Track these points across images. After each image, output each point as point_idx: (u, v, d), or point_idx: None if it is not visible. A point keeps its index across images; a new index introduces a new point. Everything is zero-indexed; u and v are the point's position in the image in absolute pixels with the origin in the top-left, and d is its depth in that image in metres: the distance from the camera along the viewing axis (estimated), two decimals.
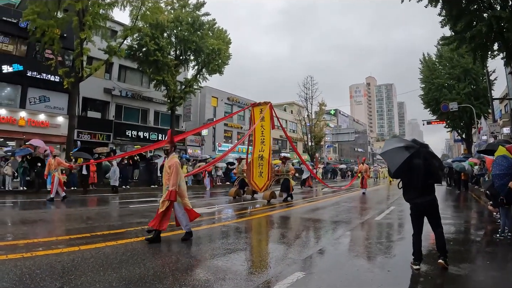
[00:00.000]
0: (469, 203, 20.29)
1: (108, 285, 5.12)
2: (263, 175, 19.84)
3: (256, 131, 20.85)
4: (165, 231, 8.37)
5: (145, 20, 30.19)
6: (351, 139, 73.52)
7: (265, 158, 20.02)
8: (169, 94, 36.11)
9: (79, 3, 24.74)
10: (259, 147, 20.67)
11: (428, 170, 6.15)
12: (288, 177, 19.88)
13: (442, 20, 20.97)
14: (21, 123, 29.97)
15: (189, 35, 35.19)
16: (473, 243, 9.12)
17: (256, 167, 20.29)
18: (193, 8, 36.50)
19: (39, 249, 7.12)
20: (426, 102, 46.20)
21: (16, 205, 15.63)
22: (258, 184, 20.00)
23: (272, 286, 5.31)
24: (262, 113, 20.90)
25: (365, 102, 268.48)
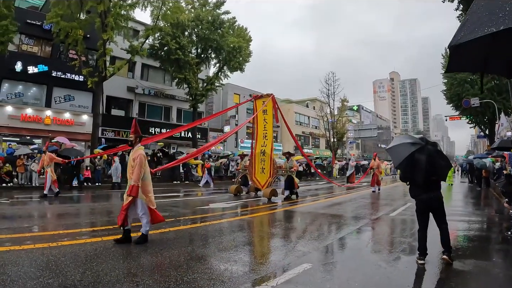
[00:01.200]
0: (489, 200, 20.05)
1: (127, 272, 5.55)
2: (265, 172, 18.67)
3: (258, 125, 19.84)
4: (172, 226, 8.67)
5: (166, 19, 30.59)
6: (374, 135, 72.93)
7: (267, 153, 18.88)
8: (191, 91, 36.47)
9: (101, 5, 25.22)
10: (261, 141, 19.50)
11: (431, 166, 6.26)
12: (291, 174, 18.78)
13: (459, 15, 20.89)
14: (47, 121, 30.71)
15: (210, 34, 35.44)
16: (485, 240, 9.13)
17: (258, 163, 19.19)
18: (213, 6, 36.73)
19: (64, 239, 7.59)
20: (448, 97, 45.82)
21: (43, 200, 16.13)
22: (260, 181, 18.87)
23: (279, 275, 5.60)
24: (264, 106, 19.63)
25: (388, 97, 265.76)
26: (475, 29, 3.20)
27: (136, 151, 7.86)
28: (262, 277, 5.54)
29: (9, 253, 6.35)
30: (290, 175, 18.69)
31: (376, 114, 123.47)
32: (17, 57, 29.57)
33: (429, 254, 6.48)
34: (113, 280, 5.11)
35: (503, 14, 2.93)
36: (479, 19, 3.16)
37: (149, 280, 5.14)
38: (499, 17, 2.95)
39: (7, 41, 24.30)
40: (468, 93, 39.68)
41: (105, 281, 5.08)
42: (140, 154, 7.72)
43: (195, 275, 5.47)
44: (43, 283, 4.85)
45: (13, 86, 30.69)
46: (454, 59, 4.15)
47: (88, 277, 5.18)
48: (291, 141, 61.92)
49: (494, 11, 3.04)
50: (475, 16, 3.26)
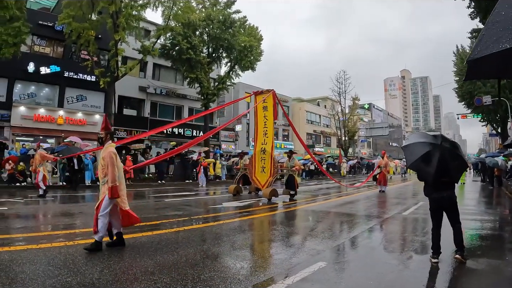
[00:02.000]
0: (502, 199, 19.97)
1: (144, 270, 5.57)
2: (266, 171, 17.83)
3: (258, 122, 19.10)
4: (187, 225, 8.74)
5: (177, 19, 30.64)
6: (385, 134, 72.79)
7: (267, 151, 17.98)
8: (202, 91, 36.52)
9: (112, 5, 25.34)
10: (262, 139, 18.63)
11: (443, 168, 6.20)
12: (293, 173, 17.95)
13: (471, 13, 20.82)
14: (59, 121, 30.98)
15: (221, 33, 35.46)
16: (497, 239, 9.12)
17: (258, 161, 18.34)
18: (223, 6, 36.75)
19: (80, 238, 7.66)
20: (460, 95, 45.65)
21: (57, 199, 16.22)
22: (260, 181, 18.04)
23: (294, 273, 5.60)
24: (263, 101, 18.94)
25: (400, 95, 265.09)
26: (490, 45, 3.33)
27: (105, 148, 7.24)
28: (277, 275, 5.55)
29: (26, 251, 6.41)
30: (291, 174, 17.95)
31: (387, 112, 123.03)
32: (29, 58, 29.86)
33: (443, 253, 6.48)
34: (131, 278, 5.17)
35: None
36: (495, 35, 3.28)
37: (166, 278, 5.16)
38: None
39: (20, 43, 24.48)
40: (480, 91, 39.48)
41: (123, 279, 5.13)
42: (109, 152, 7.09)
43: (212, 273, 5.50)
44: (62, 282, 4.89)
45: (26, 87, 30.97)
46: (473, 69, 4.23)
47: (106, 275, 5.22)
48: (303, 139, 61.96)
49: (508, 27, 3.15)
50: (490, 32, 3.39)
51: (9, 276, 5.10)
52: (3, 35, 23.02)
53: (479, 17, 20.12)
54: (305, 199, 18.03)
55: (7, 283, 4.77)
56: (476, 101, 36.59)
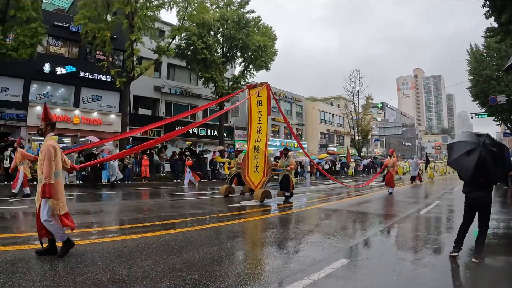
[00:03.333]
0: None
1: (172, 267, 5.64)
2: (259, 170, 16.59)
3: (252, 118, 17.82)
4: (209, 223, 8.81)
5: (192, 19, 30.71)
6: (399, 133, 72.43)
7: (261, 149, 16.73)
8: (217, 90, 36.58)
9: (128, 6, 25.51)
10: (255, 136, 17.35)
11: (481, 168, 6.19)
12: (288, 173, 16.13)
13: (486, 12, 20.68)
14: (75, 121, 31.21)
15: (235, 33, 35.53)
16: None
17: (251, 160, 17.04)
18: (238, 6, 36.82)
19: (105, 236, 7.77)
20: (474, 94, 45.26)
21: (75, 198, 16.37)
22: (254, 181, 16.75)
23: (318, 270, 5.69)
24: (258, 96, 17.69)
25: (412, 94, 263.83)
26: None
27: (45, 141, 6.34)
28: (303, 271, 5.61)
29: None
30: (286, 174, 16.11)
31: (400, 111, 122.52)
32: (45, 58, 30.12)
33: (462, 251, 6.57)
34: (159, 275, 5.22)
35: None
36: None
37: (195, 275, 5.24)
38: None
39: (37, 43, 24.71)
40: (494, 90, 39.16)
41: (152, 276, 5.19)
42: (47, 145, 6.18)
43: (239, 270, 5.60)
44: (92, 279, 4.97)
45: (41, 87, 31.28)
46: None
47: (135, 272, 5.29)
48: (316, 138, 62.02)
49: None
50: None
51: (39, 273, 5.22)
52: (20, 36, 23.28)
53: (494, 16, 19.99)
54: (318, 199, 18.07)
55: (38, 280, 4.85)
56: (490, 100, 36.29)
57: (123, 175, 23.99)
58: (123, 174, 23.69)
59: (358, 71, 62.54)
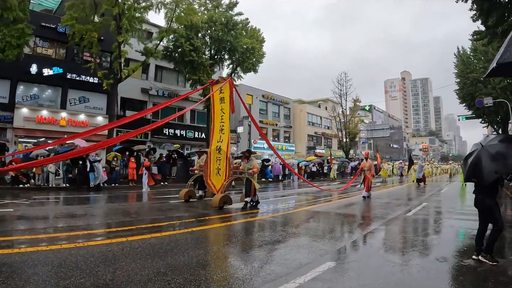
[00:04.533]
0: (503, 200, 19.84)
1: (157, 270, 5.59)
2: (221, 173, 15.32)
3: (215, 116, 16.46)
4: (213, 223, 8.76)
5: (180, 21, 30.73)
6: (386, 135, 72.86)
7: (223, 150, 15.42)
8: (205, 92, 36.57)
9: (115, 7, 25.47)
10: (218, 136, 15.98)
11: (472, 169, 6.33)
12: (250, 176, 14.95)
13: (473, 15, 20.83)
14: (62, 123, 31.03)
15: (223, 35, 35.61)
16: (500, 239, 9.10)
17: (213, 162, 15.73)
18: (226, 8, 36.93)
19: (90, 239, 7.69)
20: (461, 97, 45.67)
21: (62, 201, 16.27)
22: (216, 185, 15.44)
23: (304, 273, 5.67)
24: (220, 92, 16.25)
25: (400, 97, 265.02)
26: None
27: None
28: (288, 275, 5.59)
29: (37, 253, 6.43)
30: (248, 178, 14.96)
31: (388, 114, 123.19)
32: (32, 59, 29.97)
33: (447, 252, 6.76)
34: (144, 279, 5.18)
35: None
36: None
37: (179, 279, 5.20)
38: None
39: (23, 44, 24.58)
40: (481, 93, 39.51)
41: (136, 280, 5.15)
42: None
43: (224, 274, 5.58)
44: (76, 283, 4.91)
45: (28, 88, 31.07)
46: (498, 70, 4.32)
47: (120, 276, 5.24)
48: (304, 140, 62.12)
49: None
50: None
51: (22, 277, 5.13)
52: (6, 36, 23.15)
53: (481, 19, 20.13)
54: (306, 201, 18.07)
55: (21, 285, 4.79)
56: (477, 102, 36.62)
57: (110, 178, 23.91)
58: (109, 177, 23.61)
59: (346, 73, 62.71)
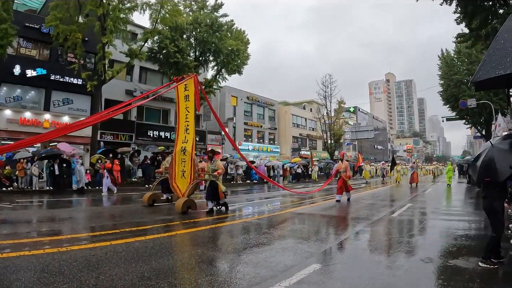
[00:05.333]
0: None
1: (141, 275, 5.55)
2: (186, 176, 14.40)
3: (180, 115, 15.52)
4: (189, 227, 8.74)
5: (165, 23, 30.65)
6: (371, 137, 73.45)
7: (188, 151, 14.50)
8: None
9: (100, 8, 25.30)
10: (182, 136, 15.16)
11: (484, 169, 6.11)
12: (215, 179, 13.84)
13: (457, 18, 21.00)
14: (45, 125, 30.61)
15: (208, 37, 35.59)
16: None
17: (178, 164, 14.83)
18: (211, 9, 36.89)
19: (73, 244, 7.61)
20: (445, 98, 46.18)
21: (45, 204, 16.17)
22: (181, 188, 14.47)
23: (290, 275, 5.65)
24: (185, 89, 15.38)
25: (384, 98, 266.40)
26: (489, 70, 3.73)
27: None
28: (274, 278, 5.58)
29: (19, 258, 6.36)
30: (213, 180, 13.85)
31: (372, 115, 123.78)
32: (15, 60, 29.55)
33: (433, 253, 6.84)
34: (128, 284, 5.14)
35: (510, 59, 3.34)
36: (494, 61, 3.62)
37: (163, 283, 5.17)
38: (507, 61, 3.36)
39: (6, 45, 24.32)
40: (464, 94, 39.98)
41: (120, 285, 5.11)
42: None
43: (209, 277, 5.54)
44: None
45: (11, 90, 30.64)
46: (480, 85, 4.39)
47: (103, 281, 5.20)
48: (289, 142, 62.18)
49: (504, 55, 3.44)
50: (491, 59, 3.73)
51: (4, 283, 5.07)
52: None
53: (465, 22, 20.30)
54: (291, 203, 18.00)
55: None
56: (461, 104, 37.12)
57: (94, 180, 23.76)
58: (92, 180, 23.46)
59: (330, 75, 62.88)
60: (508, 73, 3.19)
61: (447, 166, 38.86)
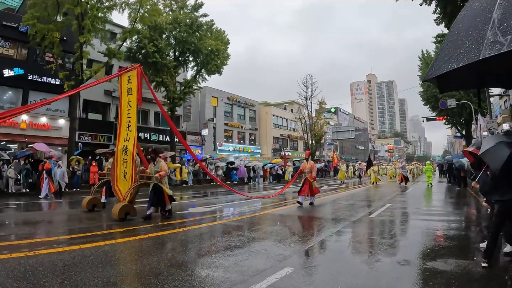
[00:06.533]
0: (468, 199, 20.33)
1: (106, 280, 5.43)
2: (127, 178, 12.97)
3: (122, 111, 14.10)
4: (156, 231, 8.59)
5: (144, 22, 30.44)
6: (352, 137, 73.80)
7: (129, 151, 13.08)
8: (168, 95, 36.29)
9: (78, 7, 25.04)
10: (124, 134, 13.67)
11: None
12: (158, 181, 12.44)
13: (436, 18, 21.04)
14: (23, 126, 30.18)
15: (188, 36, 35.40)
16: (465, 239, 9.19)
17: (120, 165, 13.38)
18: (191, 9, 36.71)
19: (42, 248, 7.45)
20: (425, 99, 46.58)
21: (20, 207, 15.91)
22: (122, 191, 13.00)
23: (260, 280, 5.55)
24: (128, 82, 13.94)
25: (366, 99, 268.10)
26: (442, 66, 3.34)
27: None
28: (244, 282, 5.49)
29: None
30: (157, 184, 12.47)
31: (353, 116, 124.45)
32: None
33: (411, 255, 6.72)
34: None
35: (464, 50, 3.07)
36: (447, 55, 3.32)
37: None
38: (460, 53, 3.11)
39: None
40: (444, 95, 40.26)
41: None
42: None
43: (176, 283, 5.41)
44: None
45: None
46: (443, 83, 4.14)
47: (67, 287, 5.07)
48: (269, 143, 62.13)
49: (457, 47, 3.19)
50: (444, 52, 3.42)
51: None
52: None
53: (444, 22, 20.36)
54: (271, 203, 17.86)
55: None
56: (441, 104, 37.35)
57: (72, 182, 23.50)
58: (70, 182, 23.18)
59: (311, 76, 63.00)
60: (461, 66, 2.97)
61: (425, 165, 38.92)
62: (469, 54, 2.90)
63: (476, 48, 2.85)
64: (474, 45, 2.90)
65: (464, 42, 3.04)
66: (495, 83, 5.35)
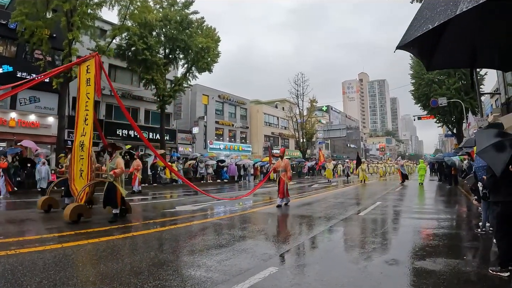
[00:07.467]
0: (459, 197, 20.36)
1: (85, 279, 5.38)
2: (84, 176, 12.00)
3: (80, 103, 12.91)
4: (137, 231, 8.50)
5: (134, 19, 30.29)
6: (343, 135, 74.04)
7: (86, 147, 12.07)
8: (158, 92, 36.10)
9: (67, 3, 24.80)
10: (81, 129, 12.56)
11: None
12: (112, 179, 11.62)
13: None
14: (11, 124, 29.96)
15: (178, 34, 35.20)
16: (455, 238, 9.13)
17: (76, 162, 12.44)
18: (181, 6, 36.50)
19: (23, 247, 7.35)
20: (416, 97, 46.71)
21: (6, 205, 15.77)
22: (79, 190, 11.82)
23: (243, 280, 5.48)
24: (87, 72, 13.02)
25: (357, 98, 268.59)
26: (417, 29, 3.03)
27: None
28: (226, 282, 5.41)
29: None
30: (111, 182, 11.63)
31: (345, 114, 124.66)
32: None
33: (399, 254, 6.75)
34: None
35: (440, 8, 2.83)
36: (423, 17, 3.05)
37: None
38: (436, 13, 2.86)
39: None
40: (435, 93, 40.49)
41: None
42: None
43: (157, 282, 5.35)
44: None
45: None
46: (428, 58, 3.95)
47: (45, 286, 4.98)
48: (261, 141, 62.07)
49: (434, 7, 2.95)
50: (420, 15, 3.12)
51: None
52: None
53: None
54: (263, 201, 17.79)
55: None
56: (432, 102, 37.52)
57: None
58: None
59: (303, 74, 63.06)
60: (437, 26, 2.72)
61: (419, 164, 38.77)
62: (446, 12, 2.69)
63: (453, 4, 2.64)
64: (452, 1, 2.70)
65: (441, 2, 2.83)
66: (488, 63, 5.10)
